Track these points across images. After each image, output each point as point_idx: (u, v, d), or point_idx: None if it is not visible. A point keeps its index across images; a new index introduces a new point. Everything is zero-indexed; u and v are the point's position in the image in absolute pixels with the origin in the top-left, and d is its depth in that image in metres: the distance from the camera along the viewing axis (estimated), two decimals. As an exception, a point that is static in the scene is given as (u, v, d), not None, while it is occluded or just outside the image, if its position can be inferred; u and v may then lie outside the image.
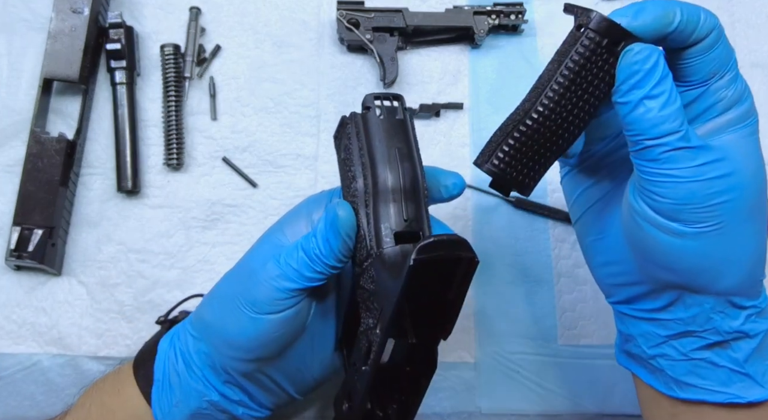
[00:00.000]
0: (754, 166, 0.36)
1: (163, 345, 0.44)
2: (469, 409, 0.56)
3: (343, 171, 0.42)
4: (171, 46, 0.60)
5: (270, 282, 0.39)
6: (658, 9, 0.34)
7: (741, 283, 0.36)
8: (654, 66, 0.34)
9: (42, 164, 0.55)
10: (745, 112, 0.36)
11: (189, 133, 0.61)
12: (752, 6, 0.67)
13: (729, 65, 0.36)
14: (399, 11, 0.61)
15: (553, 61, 0.36)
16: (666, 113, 0.33)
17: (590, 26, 0.34)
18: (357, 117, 0.41)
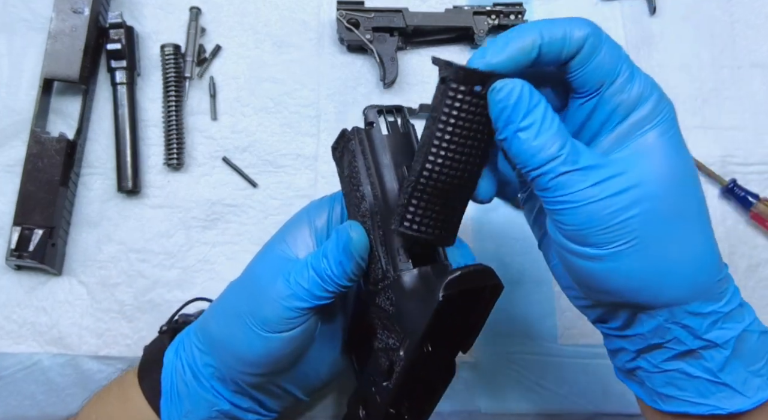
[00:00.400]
0: (666, 169, 0.34)
1: (169, 355, 0.44)
2: (469, 408, 0.56)
3: (349, 188, 0.41)
4: (171, 46, 0.60)
5: (280, 302, 0.39)
6: (514, 41, 0.34)
7: (688, 292, 0.34)
8: (518, 99, 0.33)
9: (42, 164, 0.55)
10: (651, 111, 0.34)
11: (189, 133, 0.61)
12: (751, 6, 0.67)
13: (619, 68, 0.34)
14: (399, 11, 0.61)
15: (429, 118, 0.36)
16: (540, 142, 0.32)
17: (450, 78, 0.34)
18: (361, 133, 0.41)
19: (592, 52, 0.34)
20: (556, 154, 0.32)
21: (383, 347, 0.39)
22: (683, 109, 0.64)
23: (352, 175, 0.41)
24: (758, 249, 0.61)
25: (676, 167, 0.34)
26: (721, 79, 0.65)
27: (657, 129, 0.34)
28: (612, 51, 0.34)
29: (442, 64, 0.34)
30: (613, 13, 0.65)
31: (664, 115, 0.34)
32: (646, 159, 0.33)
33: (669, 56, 0.65)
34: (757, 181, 0.62)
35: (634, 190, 0.32)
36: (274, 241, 0.43)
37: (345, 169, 0.42)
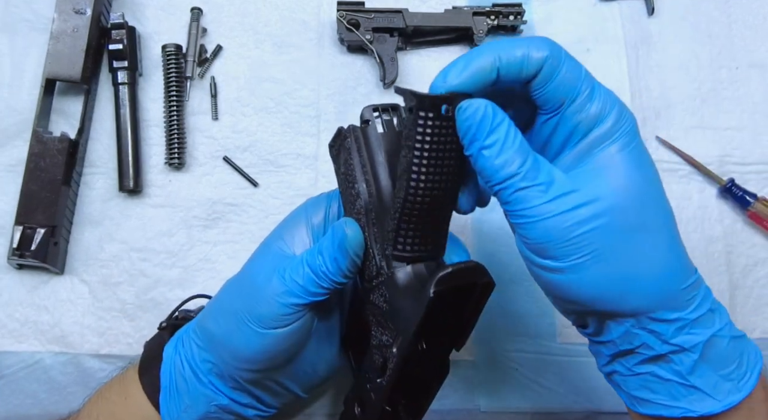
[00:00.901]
0: (625, 184, 0.35)
1: (169, 351, 0.44)
2: (468, 406, 0.57)
3: (345, 186, 0.42)
4: (172, 47, 0.61)
5: (275, 298, 0.39)
6: (474, 63, 0.35)
7: (651, 301, 0.35)
8: (482, 118, 0.34)
9: (44, 164, 0.55)
10: (611, 128, 0.35)
11: (190, 132, 0.61)
12: (749, 7, 0.67)
13: (579, 87, 0.36)
14: (399, 12, 0.61)
15: (403, 147, 0.37)
16: (502, 159, 0.34)
17: (416, 106, 0.35)
18: (357, 131, 0.41)
19: (552, 73, 0.35)
20: (517, 171, 0.34)
21: (377, 344, 0.39)
22: (681, 109, 0.64)
23: (348, 173, 0.41)
24: (756, 248, 0.61)
25: (635, 181, 0.35)
26: (719, 79, 0.65)
27: (616, 145, 0.35)
28: (572, 71, 0.36)
29: (407, 94, 0.36)
30: (612, 13, 0.66)
31: (624, 130, 0.36)
32: (605, 174, 0.35)
33: (667, 56, 0.65)
34: (755, 181, 0.62)
35: (591, 205, 0.34)
36: (271, 238, 0.44)
37: (341, 167, 0.42)
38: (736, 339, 0.37)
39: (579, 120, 0.36)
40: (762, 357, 0.38)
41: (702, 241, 0.61)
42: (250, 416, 0.45)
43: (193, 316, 0.49)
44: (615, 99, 0.36)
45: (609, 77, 0.63)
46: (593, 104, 0.35)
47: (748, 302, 0.60)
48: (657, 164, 0.62)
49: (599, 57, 0.64)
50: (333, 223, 0.42)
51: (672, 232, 0.36)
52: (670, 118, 0.63)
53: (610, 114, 0.35)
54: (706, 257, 0.60)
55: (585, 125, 0.36)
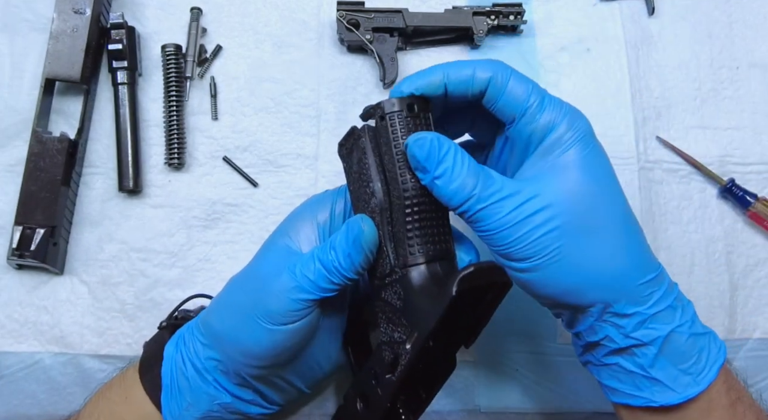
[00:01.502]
0: (577, 187, 0.37)
1: (170, 350, 0.44)
2: (469, 407, 0.57)
3: (358, 184, 0.42)
4: (172, 47, 0.60)
5: (286, 294, 0.39)
6: (424, 78, 0.40)
7: (609, 294, 0.38)
8: (429, 151, 0.37)
9: (44, 164, 0.55)
10: (562, 135, 0.38)
11: (190, 132, 0.61)
12: (750, 6, 0.67)
13: (527, 100, 0.39)
14: (399, 12, 0.61)
15: (385, 155, 0.40)
16: (455, 186, 0.37)
17: (386, 110, 0.40)
18: (372, 130, 0.41)
19: (498, 91, 0.39)
20: (470, 194, 0.37)
21: (387, 341, 0.40)
22: (682, 108, 0.64)
23: (362, 172, 0.41)
24: (756, 248, 0.61)
25: (586, 185, 0.38)
26: (720, 79, 0.65)
27: (569, 151, 0.38)
28: (520, 86, 0.39)
29: (372, 106, 0.41)
30: (612, 13, 0.65)
31: (576, 137, 0.38)
32: (557, 180, 0.38)
33: (667, 56, 0.65)
34: (755, 181, 0.62)
35: (545, 211, 0.37)
36: (277, 234, 0.44)
37: (354, 166, 0.42)
38: (697, 336, 0.39)
39: (532, 130, 0.39)
40: (725, 353, 0.40)
41: (702, 241, 0.61)
42: (253, 414, 0.45)
43: (192, 315, 0.48)
44: (567, 108, 0.39)
45: (609, 77, 0.64)
46: (543, 114, 0.38)
47: (749, 302, 0.60)
48: (658, 164, 0.63)
49: (599, 57, 0.64)
50: (338, 220, 0.43)
51: (628, 231, 0.39)
52: (670, 118, 0.63)
53: (561, 122, 0.38)
54: (707, 257, 0.60)
55: (538, 134, 0.39)
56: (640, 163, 0.61)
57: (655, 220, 0.61)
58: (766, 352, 0.59)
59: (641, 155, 0.62)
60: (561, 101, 0.40)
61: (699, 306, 0.58)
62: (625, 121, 0.63)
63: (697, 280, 0.60)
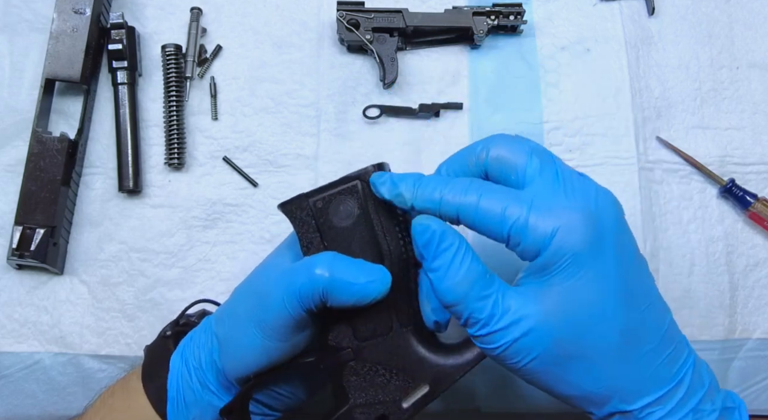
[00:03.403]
0: (566, 316, 0.35)
1: (176, 361, 0.44)
2: (468, 407, 0.57)
3: (347, 241, 0.40)
4: (172, 47, 0.60)
5: (285, 309, 0.39)
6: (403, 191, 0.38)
7: (607, 408, 0.36)
8: (428, 240, 0.36)
9: (44, 164, 0.55)
10: (550, 259, 0.34)
11: (190, 132, 0.61)
12: (750, 7, 0.67)
13: (506, 225, 0.35)
14: (399, 12, 0.61)
15: (385, 213, 0.40)
16: (446, 286, 0.35)
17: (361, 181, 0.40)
18: (366, 189, 0.40)
19: (473, 221, 0.37)
20: (458, 301, 0.35)
21: (364, 403, 0.39)
22: (682, 109, 0.64)
23: (360, 230, 0.40)
24: (756, 248, 0.61)
25: (574, 312, 0.35)
26: (720, 79, 0.65)
27: (558, 276, 0.35)
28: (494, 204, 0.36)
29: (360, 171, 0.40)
30: (612, 13, 0.65)
31: (567, 259, 0.34)
32: (544, 304, 0.35)
33: (667, 56, 0.65)
34: (755, 181, 0.62)
35: (526, 338, 0.35)
36: (282, 248, 0.44)
37: (337, 222, 0.40)
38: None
39: (521, 252, 0.36)
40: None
41: (702, 241, 0.60)
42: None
43: (195, 321, 0.48)
44: (562, 220, 0.34)
45: (609, 77, 0.64)
46: (527, 238, 0.35)
47: (749, 302, 0.60)
48: (658, 164, 0.63)
49: (599, 57, 0.64)
50: None
51: (624, 353, 0.36)
52: (670, 118, 0.63)
53: (549, 245, 0.34)
54: (707, 257, 0.60)
55: (529, 255, 0.35)
56: (640, 163, 0.61)
57: (655, 220, 0.61)
58: (766, 352, 0.59)
59: (641, 155, 0.62)
60: (552, 211, 0.35)
61: (699, 306, 0.59)
62: (625, 121, 0.63)
63: (697, 280, 0.60)
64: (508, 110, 0.63)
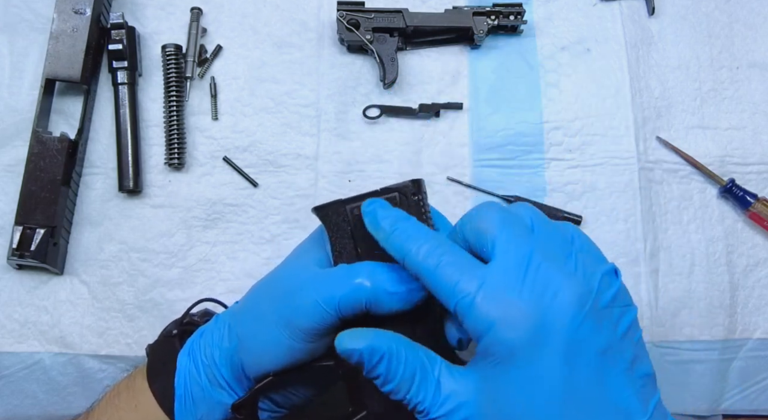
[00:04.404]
0: (496, 406, 0.34)
1: (183, 360, 0.43)
2: None
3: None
4: (172, 47, 0.60)
5: (309, 308, 0.38)
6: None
7: None
8: (358, 361, 0.36)
9: (44, 164, 0.55)
10: (487, 348, 0.33)
11: (190, 132, 0.61)
12: (750, 6, 0.67)
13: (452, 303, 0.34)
14: (399, 12, 0.61)
15: (421, 219, 0.40)
16: (390, 387, 0.36)
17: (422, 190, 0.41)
18: (403, 202, 0.41)
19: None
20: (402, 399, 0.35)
21: (380, 412, 0.40)
22: (682, 109, 0.64)
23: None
24: (756, 248, 0.61)
25: (504, 409, 0.33)
26: (720, 79, 0.65)
27: (495, 367, 0.33)
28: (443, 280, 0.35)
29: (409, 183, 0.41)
30: (612, 13, 0.65)
31: (500, 355, 0.33)
32: (483, 394, 0.34)
33: (667, 56, 0.65)
34: (755, 181, 0.62)
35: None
36: (306, 249, 0.43)
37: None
38: None
39: (466, 329, 0.35)
40: None
41: (703, 241, 0.60)
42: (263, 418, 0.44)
43: (198, 321, 0.48)
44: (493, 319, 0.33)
45: (609, 77, 0.64)
46: (469, 323, 0.34)
47: (749, 302, 0.60)
48: (658, 164, 0.63)
49: (599, 57, 0.64)
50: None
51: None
52: (670, 118, 0.63)
53: (486, 334, 0.33)
54: (707, 257, 0.60)
55: (473, 336, 0.35)
56: (640, 163, 0.61)
57: (655, 220, 0.61)
58: (766, 352, 0.59)
59: (641, 155, 0.62)
60: (499, 300, 0.33)
61: (699, 306, 0.59)
62: (625, 121, 0.63)
63: (698, 280, 0.60)
64: (508, 110, 0.63)
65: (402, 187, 0.41)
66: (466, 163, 0.61)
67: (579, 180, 0.61)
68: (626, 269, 0.59)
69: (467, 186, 0.61)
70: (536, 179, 0.61)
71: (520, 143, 0.62)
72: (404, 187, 0.41)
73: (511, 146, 0.62)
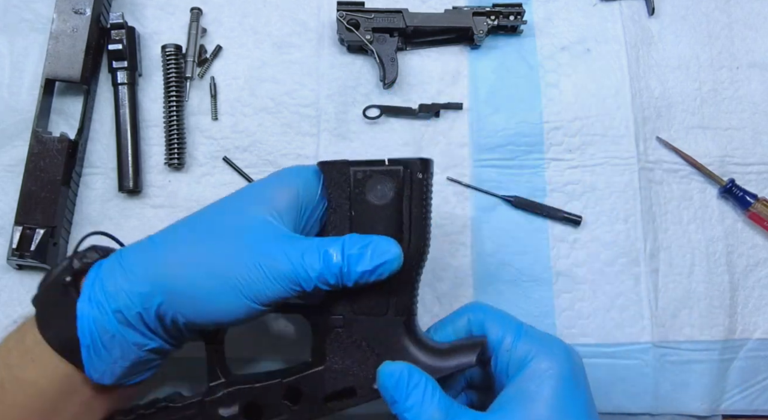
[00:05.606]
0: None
1: (83, 306, 0.40)
2: (469, 407, 0.57)
3: (372, 218, 0.42)
4: (172, 47, 0.60)
5: (280, 282, 0.39)
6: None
7: None
8: (398, 382, 0.38)
9: (44, 164, 0.55)
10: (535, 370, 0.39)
11: (190, 133, 0.61)
12: (750, 7, 0.67)
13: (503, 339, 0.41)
14: (399, 12, 0.61)
15: (417, 205, 0.42)
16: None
17: (430, 168, 0.43)
18: (407, 178, 0.42)
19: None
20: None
21: (339, 369, 0.41)
22: (682, 109, 0.64)
23: (389, 211, 0.41)
24: (756, 248, 0.61)
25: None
26: (720, 79, 0.65)
27: (541, 387, 0.38)
28: (495, 325, 0.41)
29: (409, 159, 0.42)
30: (612, 13, 0.65)
31: (550, 373, 0.39)
32: (522, 414, 0.38)
33: (667, 56, 0.65)
34: (755, 181, 0.62)
35: None
36: (250, 201, 0.42)
37: (371, 197, 0.42)
38: None
39: (507, 365, 0.40)
40: None
41: (703, 241, 0.60)
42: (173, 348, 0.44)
43: (89, 262, 0.42)
44: (547, 342, 0.40)
45: (609, 77, 0.64)
46: (516, 350, 0.40)
47: (749, 302, 0.60)
48: (658, 165, 0.63)
49: (599, 57, 0.64)
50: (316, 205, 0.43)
51: None
52: (670, 118, 0.63)
53: (536, 356, 0.39)
54: (707, 257, 0.60)
55: (513, 369, 0.40)
56: (640, 163, 0.61)
57: (655, 221, 0.61)
58: (766, 353, 0.59)
59: (641, 155, 0.62)
60: (541, 335, 0.41)
61: (699, 306, 0.59)
62: (625, 121, 0.63)
63: (698, 281, 0.60)
64: (508, 110, 0.63)
65: (410, 162, 0.42)
66: (466, 163, 0.61)
67: (579, 180, 0.61)
68: (626, 269, 0.59)
69: (467, 186, 0.61)
70: (536, 179, 0.61)
71: (520, 143, 0.62)
72: (412, 163, 0.42)
73: (511, 146, 0.62)
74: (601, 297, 0.59)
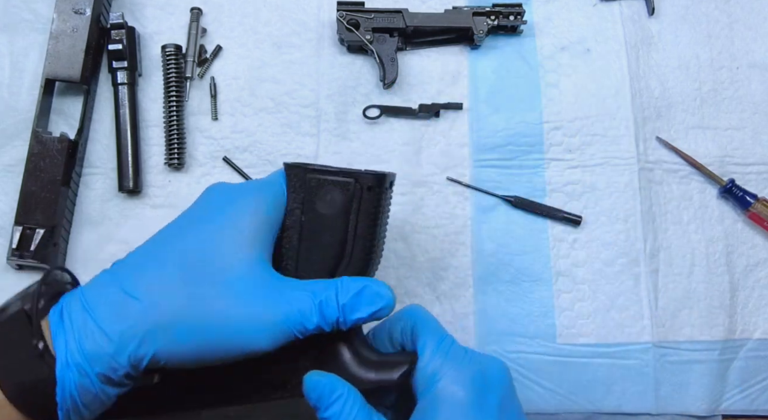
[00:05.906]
0: None
1: (65, 375, 0.36)
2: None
3: (319, 227, 0.41)
4: (172, 47, 0.60)
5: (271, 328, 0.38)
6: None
7: None
8: (321, 393, 0.38)
9: (44, 164, 0.55)
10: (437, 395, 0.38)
11: (190, 133, 0.61)
12: (750, 7, 0.67)
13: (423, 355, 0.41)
14: (399, 12, 0.61)
15: (365, 220, 0.41)
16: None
17: (389, 180, 0.42)
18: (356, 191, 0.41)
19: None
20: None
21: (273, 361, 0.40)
22: (682, 109, 0.64)
23: (338, 222, 0.41)
24: (756, 248, 0.61)
25: None
26: (720, 79, 0.65)
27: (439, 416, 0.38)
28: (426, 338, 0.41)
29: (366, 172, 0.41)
30: (612, 13, 0.65)
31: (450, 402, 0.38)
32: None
33: (667, 56, 0.65)
34: (755, 181, 0.62)
35: None
36: (239, 240, 0.39)
37: (321, 206, 0.41)
38: None
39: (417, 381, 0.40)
40: None
41: (702, 241, 0.60)
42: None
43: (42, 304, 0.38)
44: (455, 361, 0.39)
45: (609, 77, 0.64)
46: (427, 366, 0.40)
47: (749, 303, 0.60)
48: (658, 165, 0.63)
49: (599, 57, 0.64)
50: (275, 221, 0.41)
51: None
52: (670, 119, 0.63)
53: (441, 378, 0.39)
54: (707, 258, 0.60)
55: (420, 388, 0.40)
56: (640, 163, 0.61)
57: (655, 221, 0.61)
58: (766, 353, 0.59)
59: (641, 155, 0.62)
60: (458, 352, 0.40)
61: (699, 306, 0.59)
62: (625, 121, 0.63)
63: (697, 281, 0.60)
64: (508, 110, 0.63)
65: (361, 176, 0.41)
66: (466, 163, 0.61)
67: (579, 180, 0.61)
68: (626, 269, 0.59)
69: (467, 186, 0.61)
70: (536, 179, 0.61)
71: (520, 143, 0.62)
72: (363, 176, 0.41)
73: (511, 146, 0.62)
74: (601, 297, 0.59)
